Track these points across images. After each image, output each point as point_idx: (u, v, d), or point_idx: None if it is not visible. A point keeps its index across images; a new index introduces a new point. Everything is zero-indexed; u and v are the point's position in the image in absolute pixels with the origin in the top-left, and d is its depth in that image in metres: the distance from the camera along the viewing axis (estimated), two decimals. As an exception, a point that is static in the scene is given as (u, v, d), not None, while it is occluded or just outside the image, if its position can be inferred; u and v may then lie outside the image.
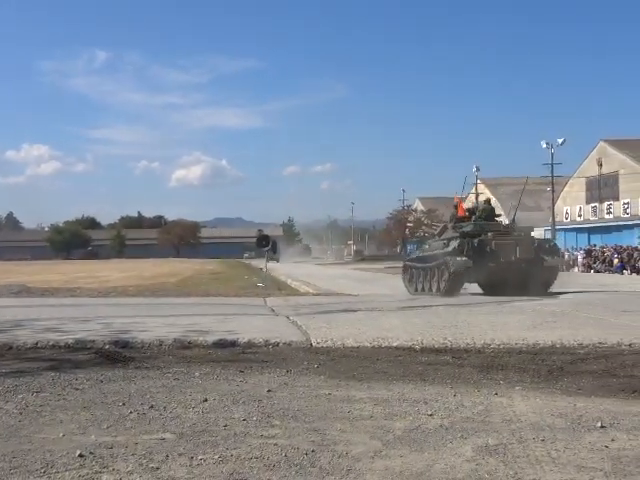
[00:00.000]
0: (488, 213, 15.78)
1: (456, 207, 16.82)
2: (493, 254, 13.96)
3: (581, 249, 42.40)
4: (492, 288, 14.30)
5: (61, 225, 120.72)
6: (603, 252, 38.34)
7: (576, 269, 39.04)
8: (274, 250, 25.68)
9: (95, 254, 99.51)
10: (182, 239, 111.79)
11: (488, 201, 17.54)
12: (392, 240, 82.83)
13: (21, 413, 4.01)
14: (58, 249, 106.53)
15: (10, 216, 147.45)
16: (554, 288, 14.85)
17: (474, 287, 15.42)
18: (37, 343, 6.47)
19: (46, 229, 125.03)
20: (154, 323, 8.16)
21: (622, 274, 33.18)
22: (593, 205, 48.75)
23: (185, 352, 6.30)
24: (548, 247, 14.76)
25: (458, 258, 13.86)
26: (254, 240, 26.64)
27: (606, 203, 47.09)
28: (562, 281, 15.45)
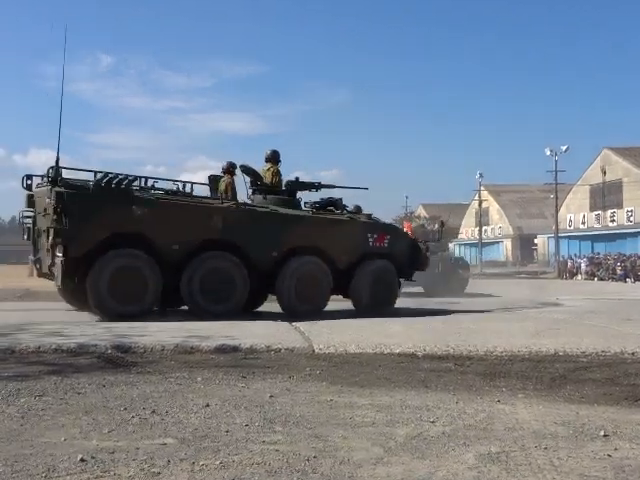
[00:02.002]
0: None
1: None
2: None
3: (584, 257, 42.30)
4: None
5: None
6: (607, 260, 38.25)
7: (579, 277, 38.96)
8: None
9: None
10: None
11: (422, 225, 23.99)
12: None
13: (23, 417, 4.01)
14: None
15: (14, 220, 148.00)
16: (556, 295, 17.49)
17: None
18: (39, 347, 6.46)
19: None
20: (155, 327, 8.16)
21: (625, 282, 33.12)
22: (597, 213, 48.70)
23: (187, 357, 6.29)
24: (461, 263, 20.31)
25: None
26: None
27: (610, 211, 47.04)
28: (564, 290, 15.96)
